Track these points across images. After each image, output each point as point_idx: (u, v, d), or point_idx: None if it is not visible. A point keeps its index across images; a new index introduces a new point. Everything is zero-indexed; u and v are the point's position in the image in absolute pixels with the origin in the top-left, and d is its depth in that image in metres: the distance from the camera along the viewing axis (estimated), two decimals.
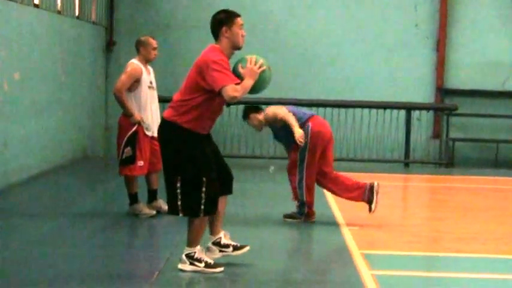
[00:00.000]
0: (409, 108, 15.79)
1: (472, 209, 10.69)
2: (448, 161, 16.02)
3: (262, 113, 9.12)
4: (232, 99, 6.44)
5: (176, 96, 6.61)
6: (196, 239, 6.61)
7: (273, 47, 16.04)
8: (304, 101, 14.86)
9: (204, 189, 6.48)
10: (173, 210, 6.61)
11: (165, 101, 10.58)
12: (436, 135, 16.57)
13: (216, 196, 6.59)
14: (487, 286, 6.69)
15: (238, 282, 6.52)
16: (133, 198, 9.14)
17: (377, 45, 16.52)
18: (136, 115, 8.96)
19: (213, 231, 6.89)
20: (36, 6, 12.31)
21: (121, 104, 8.99)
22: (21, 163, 11.51)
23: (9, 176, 11.00)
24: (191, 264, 6.60)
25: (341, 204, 9.88)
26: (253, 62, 6.54)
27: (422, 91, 16.53)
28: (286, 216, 9.14)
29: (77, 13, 14.53)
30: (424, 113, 16.29)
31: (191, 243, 6.62)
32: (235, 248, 6.90)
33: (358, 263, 7.09)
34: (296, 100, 14.63)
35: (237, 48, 6.62)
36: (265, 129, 9.30)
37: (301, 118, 8.95)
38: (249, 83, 6.49)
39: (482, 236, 8.67)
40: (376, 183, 8.91)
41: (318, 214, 9.13)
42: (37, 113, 12.24)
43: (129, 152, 8.97)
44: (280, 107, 9.15)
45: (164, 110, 6.86)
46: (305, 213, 9.04)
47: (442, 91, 16.53)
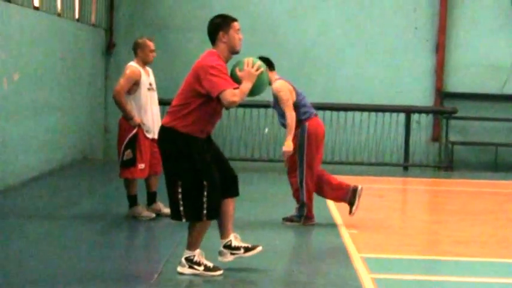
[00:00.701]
0: (408, 111, 15.79)
1: (471, 212, 10.69)
2: (447, 164, 16.02)
3: (275, 73, 8.98)
4: (231, 104, 6.43)
5: (173, 101, 6.60)
6: (196, 242, 6.60)
7: (272, 50, 15.91)
8: None
9: (205, 193, 6.46)
10: (176, 216, 6.58)
11: (165, 103, 10.59)
12: (435, 138, 16.55)
13: (218, 200, 6.58)
14: None
15: (237, 285, 6.51)
16: (132, 201, 9.13)
17: (376, 48, 16.51)
18: (136, 118, 8.95)
19: (223, 234, 6.81)
20: (36, 8, 12.32)
21: (120, 107, 8.98)
22: (20, 164, 11.51)
23: (8, 177, 11.00)
24: (190, 267, 6.59)
25: (340, 207, 9.87)
26: (250, 64, 6.53)
27: (421, 94, 16.52)
28: (286, 219, 9.14)
29: (76, 15, 14.54)
30: (423, 116, 16.29)
31: (191, 247, 6.61)
32: (247, 249, 6.82)
33: (357, 266, 7.09)
34: None
35: (234, 52, 6.61)
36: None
37: (305, 113, 8.92)
38: (247, 86, 6.47)
39: (481, 239, 8.67)
40: (360, 187, 8.90)
41: (317, 217, 9.13)
42: (36, 115, 12.24)
43: (129, 154, 8.96)
44: (292, 91, 8.96)
45: (164, 113, 6.85)
46: (304, 216, 9.03)
47: (442, 94, 16.52)
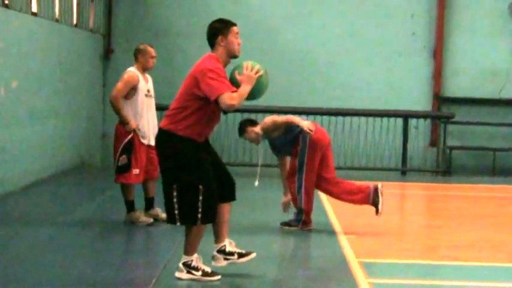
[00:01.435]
0: (406, 116, 15.81)
1: (469, 217, 10.70)
2: (445, 169, 16.03)
3: (259, 125, 9.07)
4: (230, 108, 6.42)
5: (172, 105, 6.61)
6: (194, 247, 6.59)
7: (270, 55, 16.04)
8: (301, 109, 14.84)
9: (201, 197, 6.45)
10: (171, 220, 6.59)
11: (162, 108, 10.59)
12: (433, 143, 16.57)
13: (215, 204, 6.58)
14: None
15: None
16: (130, 206, 9.13)
17: (374, 53, 16.54)
18: (132, 123, 8.96)
19: (217, 239, 6.82)
20: (34, 14, 12.33)
21: (116, 111, 8.99)
22: (19, 170, 11.51)
23: (7, 183, 11.00)
24: (188, 272, 6.59)
25: (338, 212, 9.89)
26: (250, 68, 6.54)
27: (419, 99, 16.55)
28: (284, 224, 9.14)
29: (74, 21, 14.55)
30: (421, 121, 16.32)
31: (188, 252, 6.61)
32: (240, 255, 6.83)
33: (355, 271, 7.09)
34: (293, 108, 14.61)
35: (233, 56, 6.62)
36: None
37: (296, 128, 8.93)
38: (246, 89, 6.46)
39: (479, 244, 8.67)
40: (380, 185, 8.90)
41: (315, 222, 9.13)
42: (34, 121, 12.24)
43: (124, 160, 8.97)
44: (277, 116, 9.13)
45: (161, 118, 6.85)
46: (302, 221, 9.03)
47: (439, 99, 16.55)
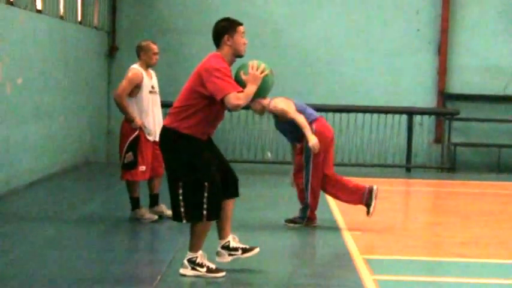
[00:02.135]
0: (410, 112, 15.80)
1: (473, 213, 10.69)
2: (449, 165, 16.02)
3: (268, 99, 8.94)
4: (236, 108, 6.43)
5: (175, 103, 6.62)
6: (199, 244, 6.61)
7: (274, 52, 16.04)
8: None
9: (206, 194, 6.47)
10: (177, 217, 6.60)
11: (167, 105, 10.60)
12: (437, 140, 16.55)
13: (219, 201, 6.59)
14: None
15: (239, 287, 6.52)
16: (135, 203, 9.15)
17: (379, 50, 16.52)
18: (137, 120, 8.97)
19: (221, 236, 6.85)
20: (38, 11, 12.34)
21: (122, 109, 9.01)
22: (24, 168, 11.53)
23: (12, 180, 11.02)
24: (193, 269, 6.60)
25: (343, 209, 9.88)
26: (255, 67, 6.54)
27: (424, 96, 16.53)
28: (288, 221, 9.14)
29: (79, 18, 14.56)
30: (425, 117, 16.31)
31: (193, 248, 6.62)
32: (244, 250, 6.85)
33: (360, 267, 7.10)
34: None
35: (238, 56, 6.63)
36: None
37: (307, 118, 8.92)
38: (251, 89, 6.47)
39: (484, 240, 8.67)
40: (375, 187, 8.89)
41: (319, 219, 9.14)
42: (39, 118, 12.26)
43: (130, 157, 8.98)
44: (289, 101, 8.98)
45: (165, 115, 6.86)
46: (307, 217, 9.04)
47: (444, 96, 16.52)
